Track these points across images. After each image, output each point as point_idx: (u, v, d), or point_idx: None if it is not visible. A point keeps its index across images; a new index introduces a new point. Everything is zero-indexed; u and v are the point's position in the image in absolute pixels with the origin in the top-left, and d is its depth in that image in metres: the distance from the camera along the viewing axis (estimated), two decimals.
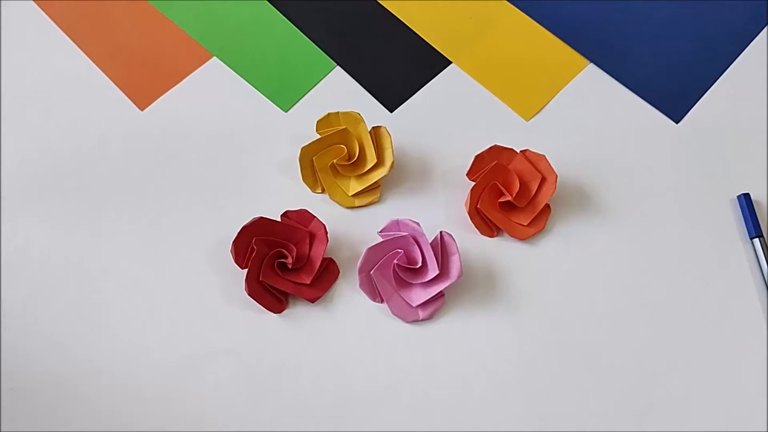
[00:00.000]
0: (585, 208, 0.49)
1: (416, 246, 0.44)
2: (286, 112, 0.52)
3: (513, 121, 0.53)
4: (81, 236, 0.48)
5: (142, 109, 0.52)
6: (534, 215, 0.47)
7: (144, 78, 0.54)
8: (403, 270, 0.44)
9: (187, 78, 0.54)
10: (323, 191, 0.49)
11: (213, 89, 0.53)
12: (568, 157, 0.51)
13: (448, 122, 0.52)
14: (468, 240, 0.47)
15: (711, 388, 0.45)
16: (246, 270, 0.44)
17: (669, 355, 0.45)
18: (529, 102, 0.53)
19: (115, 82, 0.54)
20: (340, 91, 0.53)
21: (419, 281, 0.44)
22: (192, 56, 0.55)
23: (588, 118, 0.53)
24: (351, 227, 0.48)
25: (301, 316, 0.45)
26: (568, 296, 0.47)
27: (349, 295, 0.46)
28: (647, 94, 0.54)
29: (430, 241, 0.44)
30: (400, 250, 0.44)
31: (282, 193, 0.49)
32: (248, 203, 0.48)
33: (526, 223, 0.47)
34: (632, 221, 0.49)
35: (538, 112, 0.53)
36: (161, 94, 0.53)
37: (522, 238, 0.47)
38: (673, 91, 0.54)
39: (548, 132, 0.52)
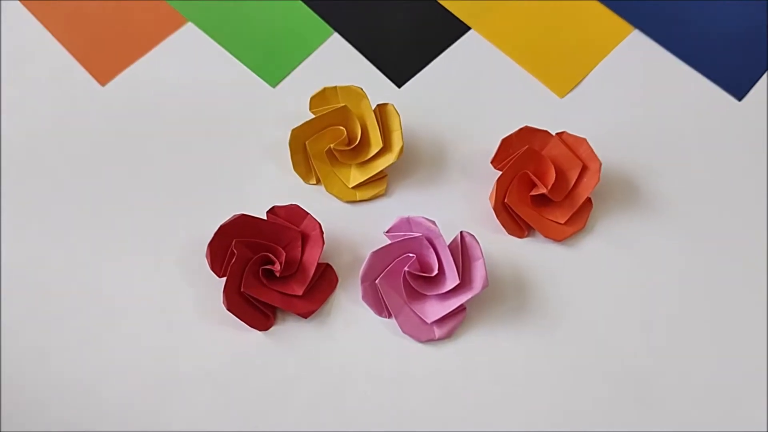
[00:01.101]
0: (633, 202, 0.46)
1: (431, 249, 0.40)
2: (274, 87, 0.49)
3: (545, 98, 0.49)
4: (29, 235, 0.44)
5: (103, 85, 0.49)
6: (573, 211, 0.43)
7: (105, 47, 0.50)
8: (415, 279, 0.41)
9: (156, 47, 0.50)
10: (318, 182, 0.46)
11: (187, 60, 0.50)
12: (611, 141, 0.47)
13: (467, 99, 0.49)
14: (493, 241, 0.44)
15: None
16: (224, 279, 0.40)
17: (738, 381, 0.41)
18: (563, 75, 0.49)
19: (71, 53, 0.50)
20: (338, 63, 0.50)
21: (435, 292, 0.40)
22: (162, 21, 0.51)
23: (634, 94, 0.49)
24: (352, 226, 0.44)
25: (291, 334, 0.42)
26: (614, 308, 0.43)
27: (349, 309, 0.42)
28: (703, 66, 0.50)
29: (448, 244, 0.40)
30: (411, 255, 0.41)
31: (268, 185, 0.45)
32: (228, 197, 0.45)
33: (563, 221, 0.43)
34: (689, 217, 0.45)
35: (574, 87, 0.49)
36: (125, 67, 0.49)
37: (558, 239, 0.44)
38: (735, 62, 0.50)
39: (587, 111, 0.48)
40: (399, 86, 0.49)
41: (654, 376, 0.41)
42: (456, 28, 0.51)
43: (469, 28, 0.51)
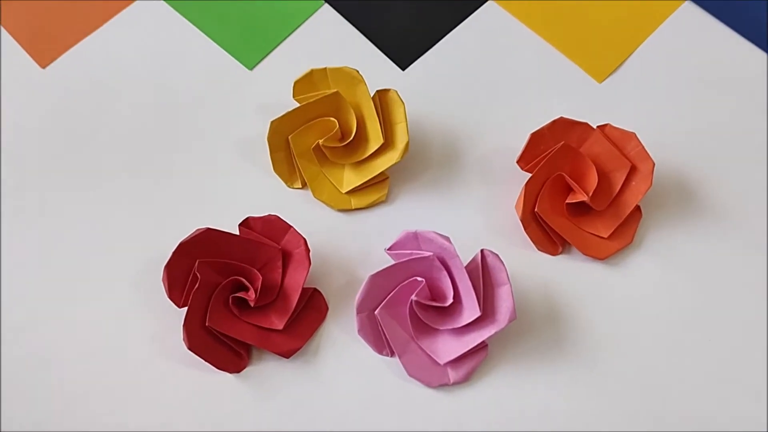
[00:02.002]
0: (691, 211, 0.42)
1: (445, 272, 0.37)
2: (251, 69, 0.46)
3: (581, 84, 0.46)
4: None
5: (43, 67, 0.46)
6: (618, 222, 0.41)
7: (46, 23, 0.47)
8: (425, 309, 0.38)
9: (107, 22, 0.47)
10: (304, 186, 0.43)
11: (144, 38, 0.47)
12: (662, 135, 0.44)
13: (486, 85, 0.46)
14: (521, 260, 0.41)
15: None
16: (186, 310, 0.37)
17: None
18: (602, 55, 0.46)
19: (6, 29, 0.47)
20: (329, 40, 0.47)
21: (450, 326, 0.37)
22: None
23: (687, 77, 0.46)
24: (345, 242, 0.42)
25: (269, 377, 0.39)
26: (669, 341, 0.39)
27: (342, 346, 0.39)
28: None
29: (465, 265, 0.37)
30: (420, 279, 0.38)
31: (242, 191, 0.43)
32: (192, 205, 0.43)
33: (606, 235, 0.41)
34: (759, 229, 0.42)
35: (615, 69, 0.46)
36: (70, 46, 0.46)
37: (601, 257, 0.41)
38: None
39: (631, 98, 0.45)
40: (403, 69, 0.47)
41: (719, 423, 0.37)
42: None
43: None
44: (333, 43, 0.47)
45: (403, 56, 0.47)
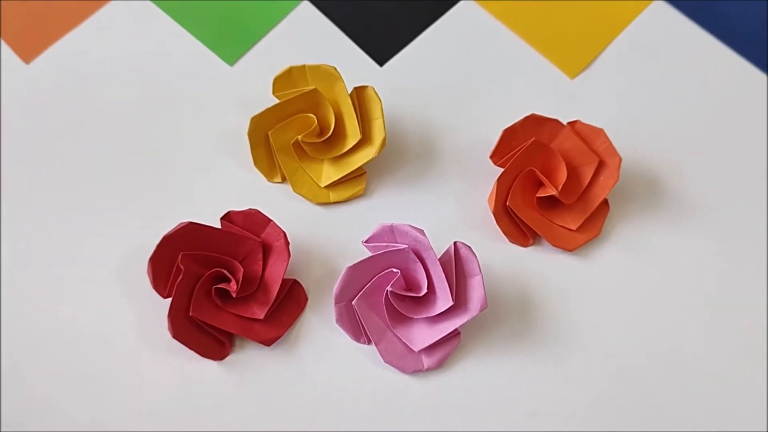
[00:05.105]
0: (657, 205, 0.43)
1: (419, 264, 0.38)
2: (232, 65, 0.47)
3: (553, 80, 0.47)
4: None
5: (27, 63, 0.46)
6: (587, 215, 0.41)
7: (30, 18, 0.47)
8: (400, 299, 0.39)
9: (90, 17, 0.47)
10: (284, 180, 0.43)
11: (126, 33, 0.47)
12: (631, 131, 0.45)
13: (462, 81, 0.47)
14: (493, 252, 0.42)
15: None
16: (170, 300, 0.37)
17: None
18: (574, 52, 0.47)
19: None
20: (308, 36, 0.47)
21: (424, 315, 0.38)
22: None
23: (657, 74, 0.47)
24: (324, 234, 0.42)
25: (251, 364, 0.39)
26: (635, 330, 0.41)
27: (321, 335, 0.40)
28: (738, 42, 0.48)
29: (439, 257, 0.38)
30: (395, 270, 0.38)
31: (223, 185, 0.43)
32: (174, 200, 0.43)
33: (575, 227, 0.41)
34: (723, 222, 0.43)
35: (587, 66, 0.47)
36: (53, 42, 0.46)
37: (569, 249, 0.41)
38: None
39: (602, 94, 0.46)
40: (381, 65, 0.47)
41: (685, 410, 0.39)
42: None
43: None
44: (312, 39, 0.47)
45: (381, 52, 0.47)
